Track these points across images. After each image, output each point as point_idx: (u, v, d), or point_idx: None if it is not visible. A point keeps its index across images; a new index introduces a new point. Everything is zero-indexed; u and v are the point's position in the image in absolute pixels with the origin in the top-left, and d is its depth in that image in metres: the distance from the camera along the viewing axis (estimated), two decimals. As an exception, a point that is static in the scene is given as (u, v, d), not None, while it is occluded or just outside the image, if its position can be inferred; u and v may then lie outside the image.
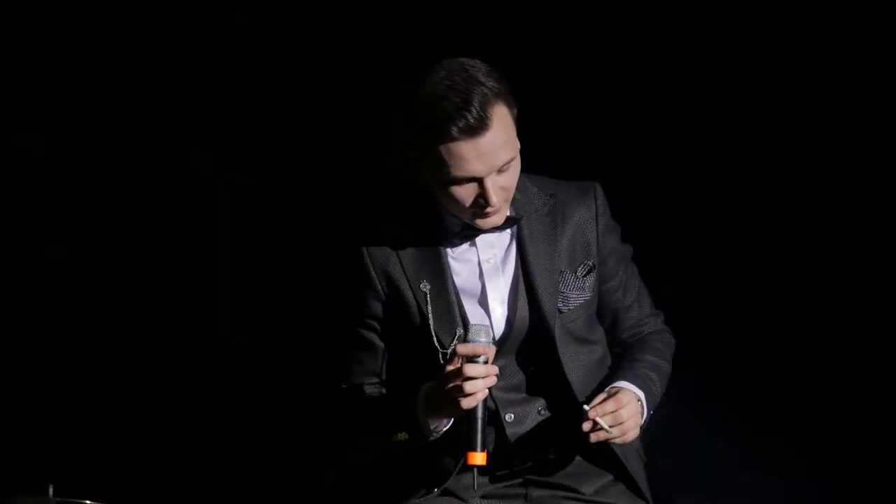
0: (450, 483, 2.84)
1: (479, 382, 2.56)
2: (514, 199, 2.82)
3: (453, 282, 2.81)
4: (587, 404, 2.68)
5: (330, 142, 3.95)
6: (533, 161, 2.85)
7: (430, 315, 2.76)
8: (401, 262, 2.80)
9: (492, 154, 2.65)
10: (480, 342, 2.63)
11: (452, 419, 2.69)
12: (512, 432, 2.84)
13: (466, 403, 2.54)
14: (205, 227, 4.00)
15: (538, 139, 2.86)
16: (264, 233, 3.98)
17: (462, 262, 2.83)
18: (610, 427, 2.65)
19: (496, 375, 2.64)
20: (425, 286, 2.78)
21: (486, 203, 2.68)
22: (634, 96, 3.85)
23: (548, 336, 2.81)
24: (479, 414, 2.55)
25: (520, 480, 2.86)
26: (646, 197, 3.73)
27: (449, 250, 2.82)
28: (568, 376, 2.81)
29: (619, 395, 2.72)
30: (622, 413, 2.70)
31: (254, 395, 3.97)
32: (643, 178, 3.77)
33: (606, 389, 2.77)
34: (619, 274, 2.93)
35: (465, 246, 2.83)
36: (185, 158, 3.95)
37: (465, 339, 2.68)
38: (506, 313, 2.82)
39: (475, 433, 2.55)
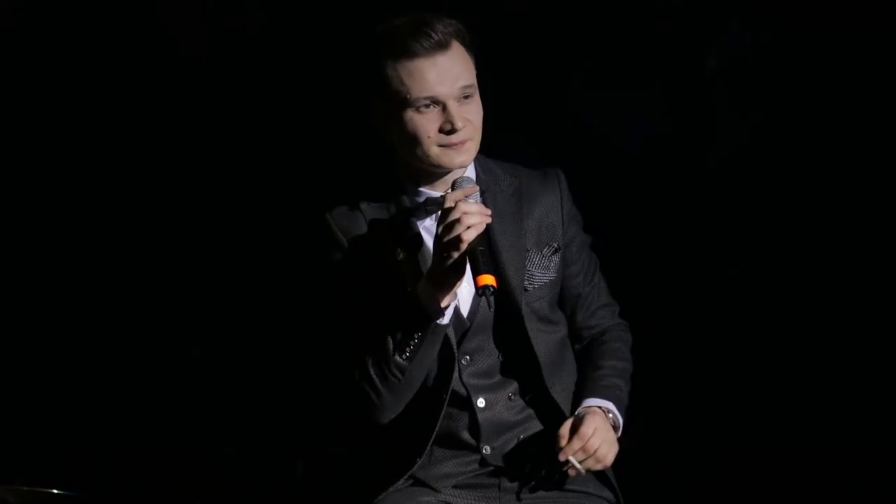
0: (422, 474, 2.85)
1: (476, 215, 2.67)
2: (479, 177, 2.87)
3: (427, 248, 2.81)
4: (558, 438, 2.79)
5: (304, 125, 3.95)
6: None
7: (408, 281, 2.76)
8: (371, 231, 2.83)
9: (451, 75, 2.74)
10: (465, 186, 2.75)
11: (456, 294, 2.74)
12: (483, 418, 2.85)
13: (468, 235, 2.65)
14: (184, 212, 3.99)
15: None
16: (242, 217, 3.98)
17: (429, 234, 2.83)
18: (582, 461, 2.78)
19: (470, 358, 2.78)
20: (400, 254, 2.80)
21: (452, 128, 2.74)
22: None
23: (515, 313, 2.84)
24: (479, 245, 2.67)
25: (491, 468, 2.86)
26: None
27: (416, 221, 2.84)
28: (537, 353, 2.84)
29: (581, 430, 2.77)
30: (592, 443, 2.77)
31: (225, 380, 3.96)
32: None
33: (574, 414, 2.83)
34: (580, 260, 2.97)
35: (430, 220, 2.83)
36: (155, 136, 3.95)
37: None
38: (472, 290, 2.78)
39: (479, 261, 2.65)
